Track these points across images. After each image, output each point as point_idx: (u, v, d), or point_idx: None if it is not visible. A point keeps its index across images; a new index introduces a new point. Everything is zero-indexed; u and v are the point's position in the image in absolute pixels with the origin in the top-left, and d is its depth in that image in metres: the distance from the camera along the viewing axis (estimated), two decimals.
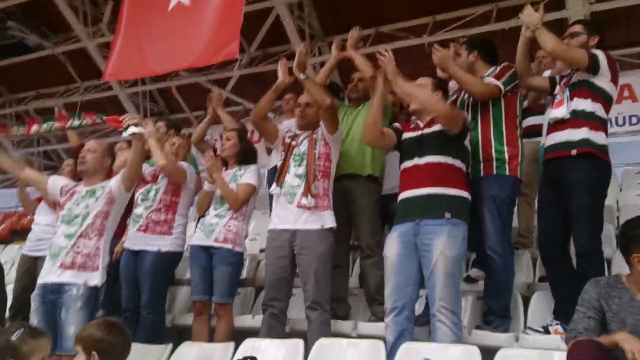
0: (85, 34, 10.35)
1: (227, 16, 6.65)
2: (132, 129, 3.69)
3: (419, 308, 3.69)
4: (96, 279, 3.52)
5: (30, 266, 5.05)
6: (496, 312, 3.69)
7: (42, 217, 5.20)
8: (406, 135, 3.69)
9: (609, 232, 4.80)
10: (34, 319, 3.55)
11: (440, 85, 3.74)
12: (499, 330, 3.60)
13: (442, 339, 3.27)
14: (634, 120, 8.65)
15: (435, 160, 3.49)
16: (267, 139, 4.40)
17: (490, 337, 3.52)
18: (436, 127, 3.56)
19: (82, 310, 3.42)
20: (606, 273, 3.72)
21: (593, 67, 3.54)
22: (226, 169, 4.47)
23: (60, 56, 11.29)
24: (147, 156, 4.21)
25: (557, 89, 3.73)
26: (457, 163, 3.52)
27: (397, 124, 3.82)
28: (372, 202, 4.16)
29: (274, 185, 4.02)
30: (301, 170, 3.89)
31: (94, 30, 10.38)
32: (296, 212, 3.85)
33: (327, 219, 3.86)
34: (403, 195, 3.58)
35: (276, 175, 4.08)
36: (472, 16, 8.50)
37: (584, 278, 3.32)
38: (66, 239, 3.62)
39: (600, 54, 3.58)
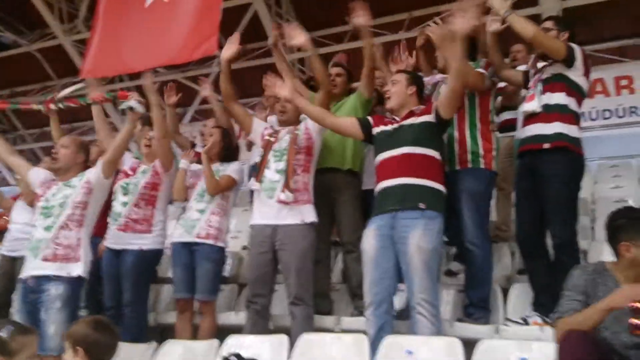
0: (61, 31, 10.26)
1: (206, 12, 6.63)
2: (133, 103, 3.68)
3: (401, 302, 3.74)
4: (79, 269, 3.51)
5: (9, 267, 4.99)
6: (476, 304, 3.75)
7: (19, 216, 5.13)
8: (380, 128, 3.70)
9: (584, 224, 4.90)
10: (17, 319, 3.53)
11: (415, 81, 3.75)
12: (479, 322, 3.67)
13: (422, 332, 3.31)
14: (607, 114, 8.82)
15: (411, 151, 3.51)
16: (242, 127, 4.41)
17: (470, 329, 3.58)
18: (417, 119, 3.58)
19: (62, 309, 3.39)
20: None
21: (569, 58, 3.60)
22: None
23: (36, 53, 11.17)
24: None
25: (530, 83, 3.81)
26: (433, 153, 3.53)
27: (369, 117, 3.83)
28: (352, 197, 4.19)
29: (252, 180, 4.02)
30: (281, 165, 3.90)
31: (70, 27, 10.29)
32: (276, 207, 3.86)
33: (307, 213, 3.88)
34: (379, 186, 3.61)
35: (256, 170, 4.08)
36: (448, 12, 8.56)
37: (561, 269, 3.38)
38: (45, 231, 3.59)
39: (576, 48, 3.65)
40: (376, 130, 3.72)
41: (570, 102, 3.66)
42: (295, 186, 3.86)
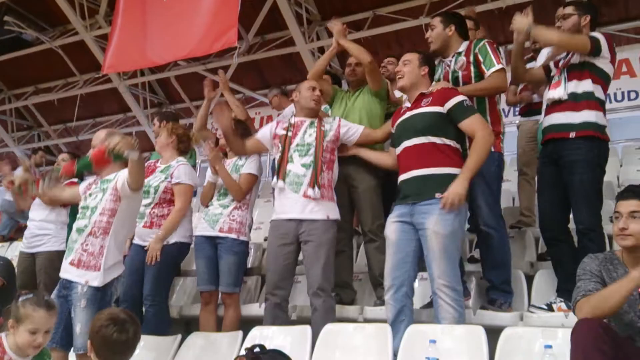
0: (82, 27, 10.33)
1: (225, 4, 6.66)
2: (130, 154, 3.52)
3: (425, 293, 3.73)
4: (96, 280, 3.40)
5: (28, 264, 5.02)
6: (498, 287, 3.73)
7: (36, 213, 5.13)
8: (398, 120, 3.75)
9: (609, 209, 4.81)
10: None
11: (427, 61, 3.75)
12: (503, 307, 3.65)
13: (445, 317, 3.31)
14: (633, 95, 8.64)
15: (421, 142, 3.53)
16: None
17: (494, 317, 3.56)
18: (424, 109, 3.57)
19: (87, 308, 3.34)
20: (607, 249, 3.74)
21: (595, 51, 3.57)
22: (226, 159, 4.48)
23: (58, 50, 11.28)
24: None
25: (554, 71, 3.75)
26: (445, 141, 3.51)
27: (392, 128, 3.85)
28: (372, 186, 4.17)
29: (274, 179, 4.00)
30: (307, 160, 3.88)
31: (91, 23, 10.35)
32: (302, 201, 3.84)
33: (332, 210, 3.88)
34: (400, 178, 3.64)
35: (276, 168, 4.07)
36: None
37: (585, 255, 3.38)
38: (77, 233, 3.55)
39: (600, 38, 3.60)
40: (395, 126, 3.78)
41: (597, 90, 3.61)
42: (321, 182, 3.85)
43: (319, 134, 3.94)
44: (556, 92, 3.65)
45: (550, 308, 3.59)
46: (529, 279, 4.03)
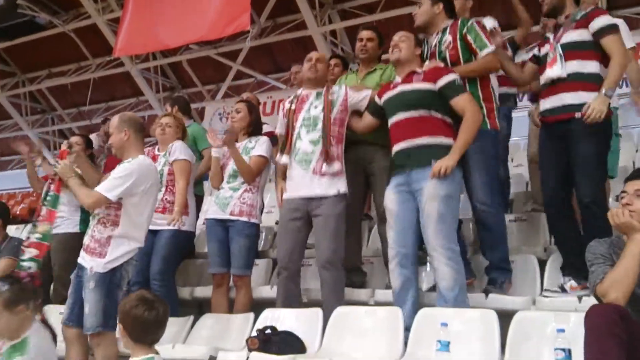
0: (94, 10, 10.34)
1: None
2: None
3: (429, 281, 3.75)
4: (100, 267, 3.39)
5: None
6: (497, 265, 3.73)
7: None
8: (386, 96, 3.76)
9: None
10: (70, 291, 3.59)
11: (419, 44, 3.81)
12: (504, 286, 3.65)
13: (443, 279, 3.34)
14: None
15: (414, 114, 3.57)
16: None
17: (507, 301, 3.54)
18: (414, 85, 3.61)
19: (95, 290, 3.35)
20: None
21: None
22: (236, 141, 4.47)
23: (71, 33, 11.30)
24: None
25: (547, 47, 3.69)
26: (437, 114, 3.56)
27: (376, 97, 3.85)
28: (387, 166, 4.13)
29: (279, 155, 4.00)
30: (316, 135, 3.86)
31: (103, 6, 10.37)
32: (311, 178, 3.83)
33: (342, 184, 3.86)
34: (394, 149, 3.67)
35: (281, 143, 4.05)
36: None
37: (589, 230, 3.41)
38: (91, 218, 3.57)
39: (622, 27, 3.64)
40: (383, 99, 3.78)
41: (602, 70, 3.54)
42: (332, 157, 3.83)
43: (326, 105, 3.89)
44: (554, 70, 3.57)
45: (563, 289, 3.57)
46: (542, 264, 4.00)
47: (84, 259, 3.50)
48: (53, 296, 4.80)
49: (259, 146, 4.32)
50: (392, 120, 3.69)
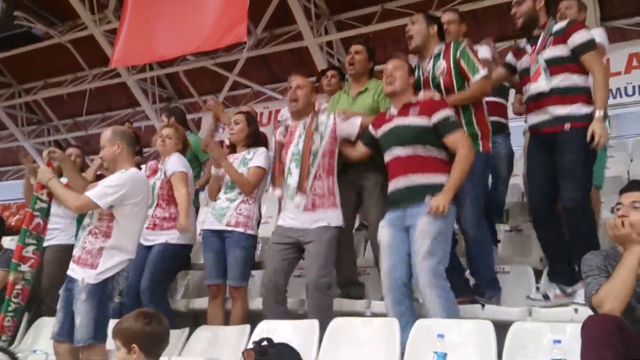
0: (91, 21, 10.36)
1: None
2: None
3: None
4: (92, 278, 3.40)
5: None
6: (485, 285, 3.77)
7: None
8: (381, 130, 3.77)
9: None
10: (59, 306, 3.58)
11: (412, 71, 3.82)
12: (493, 300, 3.67)
13: (434, 312, 3.34)
14: None
15: (409, 152, 3.59)
16: None
17: (502, 312, 3.55)
18: (410, 120, 3.62)
19: (86, 302, 3.36)
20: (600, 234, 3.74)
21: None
22: (234, 153, 4.48)
23: (68, 44, 11.32)
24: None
25: (527, 60, 3.72)
26: (432, 151, 3.58)
27: (371, 128, 3.86)
28: (379, 182, 4.12)
29: (272, 189, 4.04)
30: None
31: (100, 17, 10.39)
32: (301, 214, 3.82)
33: (333, 218, 3.83)
34: (390, 186, 3.70)
35: (271, 175, 4.10)
36: None
37: (575, 235, 3.48)
38: (81, 230, 3.59)
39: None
40: (379, 132, 3.80)
41: (585, 80, 3.62)
42: (320, 191, 3.83)
43: (307, 136, 3.87)
44: (539, 84, 3.62)
45: (546, 297, 3.59)
46: (538, 274, 4.00)
47: (74, 270, 3.50)
48: (45, 309, 4.75)
49: (256, 157, 4.31)
50: (388, 157, 3.71)
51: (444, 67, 3.79)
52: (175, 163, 4.39)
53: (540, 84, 3.60)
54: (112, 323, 3.53)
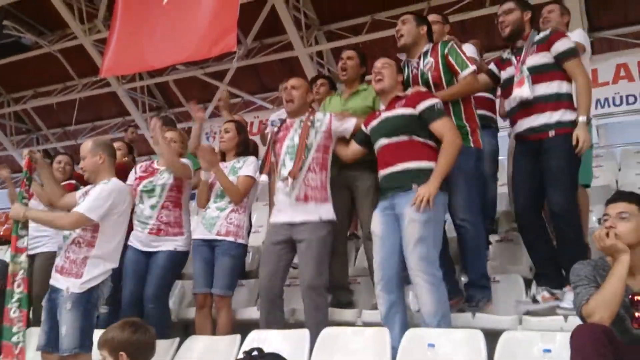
0: (81, 31, 10.35)
1: (224, 8, 6.63)
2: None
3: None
4: (77, 287, 3.42)
5: (27, 265, 4.96)
6: (476, 283, 3.76)
7: None
8: (371, 125, 3.83)
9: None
10: (43, 317, 3.59)
11: (400, 70, 3.86)
12: (481, 305, 3.67)
13: (425, 305, 3.34)
14: (631, 99, 8.65)
15: (396, 140, 3.62)
16: None
17: (493, 320, 3.55)
18: (395, 111, 3.67)
19: (72, 311, 3.37)
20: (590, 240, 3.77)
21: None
22: (224, 161, 4.47)
23: (57, 54, 11.29)
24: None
25: (512, 70, 3.77)
26: (419, 139, 3.60)
27: (362, 126, 3.90)
28: (373, 185, 4.11)
29: (261, 176, 4.06)
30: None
31: (89, 27, 10.38)
32: (293, 204, 3.84)
33: (325, 211, 3.85)
34: (379, 174, 3.73)
35: (261, 162, 4.10)
36: (467, 0, 8.50)
37: (561, 240, 3.52)
38: (63, 240, 3.60)
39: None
40: (369, 127, 3.84)
41: (568, 87, 3.67)
42: (313, 184, 3.84)
43: (303, 130, 3.91)
44: (523, 90, 3.65)
45: (535, 300, 3.60)
46: (528, 283, 4.02)
47: (57, 280, 3.52)
48: (32, 317, 4.72)
49: (246, 166, 4.32)
50: (376, 147, 3.75)
51: (432, 62, 3.85)
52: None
53: (524, 90, 3.64)
54: (99, 332, 3.57)
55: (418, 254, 3.38)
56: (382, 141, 3.69)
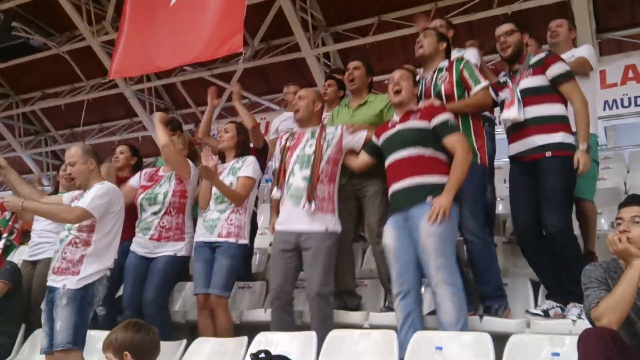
0: (89, 32, 10.38)
1: (230, 9, 6.65)
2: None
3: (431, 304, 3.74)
4: (74, 284, 3.50)
5: (29, 270, 4.92)
6: (492, 295, 3.76)
7: (37, 224, 4.98)
8: (384, 136, 3.84)
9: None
10: (42, 318, 3.64)
11: (416, 83, 3.92)
12: (499, 312, 3.66)
13: (446, 313, 3.35)
14: None
15: (410, 153, 3.64)
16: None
17: (501, 324, 3.54)
18: (410, 124, 3.70)
19: (67, 306, 3.44)
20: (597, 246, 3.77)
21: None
22: (224, 162, 4.48)
23: (65, 55, 11.33)
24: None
25: (507, 92, 3.83)
26: (432, 152, 3.63)
27: (374, 137, 3.92)
28: (380, 190, 4.14)
29: (275, 189, 4.07)
30: (308, 172, 3.90)
31: (97, 29, 10.40)
32: (301, 214, 3.86)
33: (331, 223, 3.88)
34: (391, 189, 3.73)
35: (275, 178, 4.13)
36: (474, 2, 8.48)
37: (562, 258, 3.54)
38: (59, 243, 3.68)
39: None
40: (381, 139, 3.86)
41: (563, 109, 3.74)
42: (321, 195, 3.87)
43: (317, 146, 3.95)
44: (510, 112, 3.73)
45: (546, 314, 3.59)
46: (536, 286, 4.00)
47: (54, 280, 3.59)
48: (34, 321, 4.73)
49: (245, 167, 4.32)
50: (389, 160, 3.75)
51: (447, 76, 3.92)
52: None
53: (512, 111, 3.71)
54: (99, 333, 3.59)
55: (438, 265, 3.39)
56: (396, 154, 3.70)
